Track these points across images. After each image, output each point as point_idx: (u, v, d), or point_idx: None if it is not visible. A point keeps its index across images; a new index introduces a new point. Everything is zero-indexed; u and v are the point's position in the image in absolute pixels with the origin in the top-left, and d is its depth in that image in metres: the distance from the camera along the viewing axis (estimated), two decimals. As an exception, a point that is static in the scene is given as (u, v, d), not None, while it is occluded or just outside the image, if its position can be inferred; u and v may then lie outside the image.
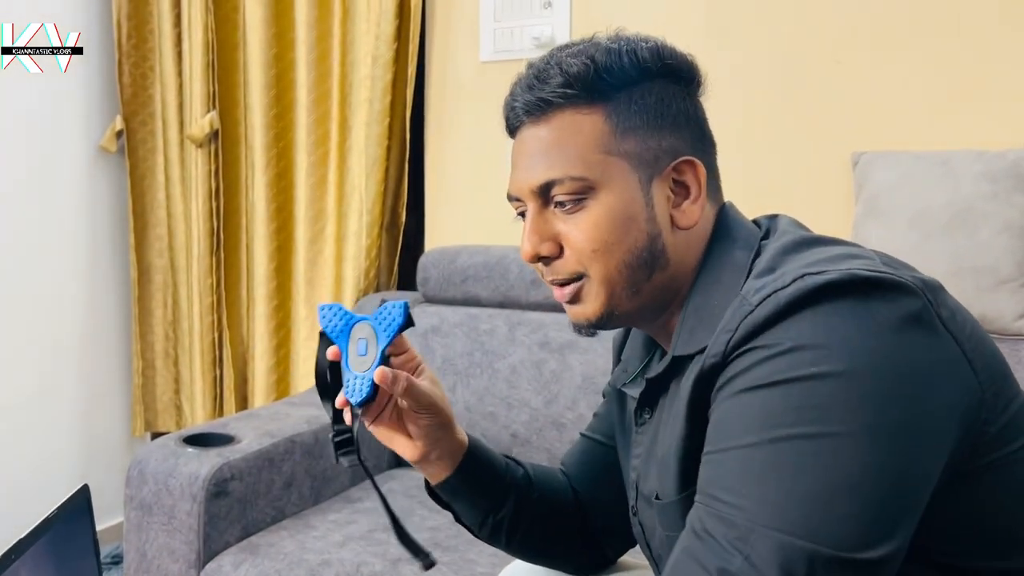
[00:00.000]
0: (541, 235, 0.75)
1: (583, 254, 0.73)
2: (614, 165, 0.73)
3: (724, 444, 0.62)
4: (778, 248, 0.71)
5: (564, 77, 0.73)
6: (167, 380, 2.47)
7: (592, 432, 0.98)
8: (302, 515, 1.61)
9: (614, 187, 0.73)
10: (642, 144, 0.73)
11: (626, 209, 0.73)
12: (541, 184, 0.74)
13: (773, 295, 0.62)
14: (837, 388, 0.58)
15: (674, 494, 0.71)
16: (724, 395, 0.64)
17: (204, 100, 2.24)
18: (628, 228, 0.73)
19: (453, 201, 2.11)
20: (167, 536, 1.50)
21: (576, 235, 0.73)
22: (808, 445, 0.58)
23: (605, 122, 0.73)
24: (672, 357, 0.74)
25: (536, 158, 0.74)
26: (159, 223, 2.42)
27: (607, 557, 0.97)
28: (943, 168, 1.46)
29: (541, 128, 0.74)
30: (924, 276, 0.66)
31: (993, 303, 1.40)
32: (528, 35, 1.94)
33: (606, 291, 0.74)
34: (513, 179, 0.77)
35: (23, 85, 2.16)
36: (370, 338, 0.78)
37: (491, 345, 1.80)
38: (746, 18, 1.74)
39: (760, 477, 0.59)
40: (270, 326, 2.23)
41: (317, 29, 2.12)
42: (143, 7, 2.35)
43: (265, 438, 1.60)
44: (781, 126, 1.72)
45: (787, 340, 0.60)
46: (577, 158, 0.73)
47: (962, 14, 1.56)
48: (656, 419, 0.79)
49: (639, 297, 0.75)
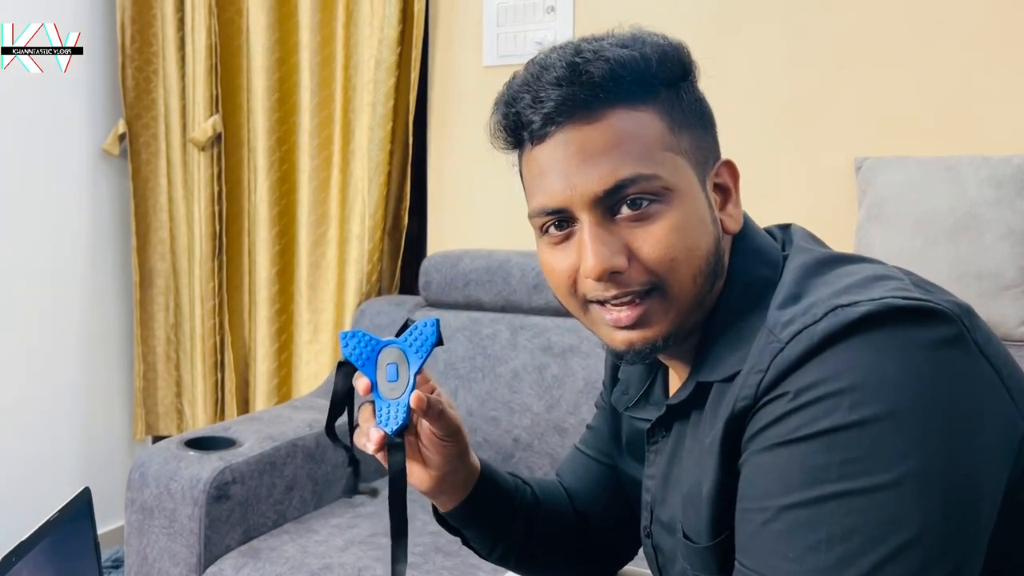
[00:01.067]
0: (611, 246, 0.65)
1: (660, 264, 0.65)
2: (679, 163, 0.66)
3: (764, 503, 0.58)
4: (800, 269, 0.66)
5: (614, 69, 0.64)
6: (168, 383, 2.47)
7: (587, 447, 0.96)
8: (304, 519, 1.61)
9: (685, 187, 0.66)
10: (694, 142, 0.68)
11: (697, 210, 0.67)
12: (610, 187, 0.64)
13: (805, 331, 0.58)
14: (880, 433, 0.54)
15: (706, 539, 0.66)
16: (757, 446, 0.59)
17: (207, 104, 2.24)
18: (701, 231, 0.67)
19: (455, 205, 2.11)
20: (168, 540, 1.49)
21: (652, 244, 0.65)
22: (855, 502, 0.54)
23: (661, 119, 0.66)
24: (696, 383, 0.69)
25: (593, 161, 0.65)
26: (161, 226, 2.42)
27: (608, 569, 0.97)
28: (947, 173, 1.46)
29: (589, 129, 0.65)
30: (958, 300, 0.61)
31: (996, 309, 1.40)
32: (531, 40, 1.94)
33: (677, 307, 0.67)
34: (558, 189, 0.66)
35: (26, 88, 2.17)
36: (400, 361, 0.73)
37: (493, 349, 1.80)
38: (749, 23, 1.74)
39: (808, 541, 0.55)
40: (272, 330, 2.23)
41: (320, 33, 2.12)
42: (147, 10, 2.35)
43: (267, 442, 1.60)
44: (784, 131, 1.72)
45: (821, 383, 0.56)
46: (646, 156, 0.65)
47: (965, 19, 1.56)
48: (673, 442, 0.75)
49: (699, 311, 0.69)
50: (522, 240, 1.93)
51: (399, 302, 2.03)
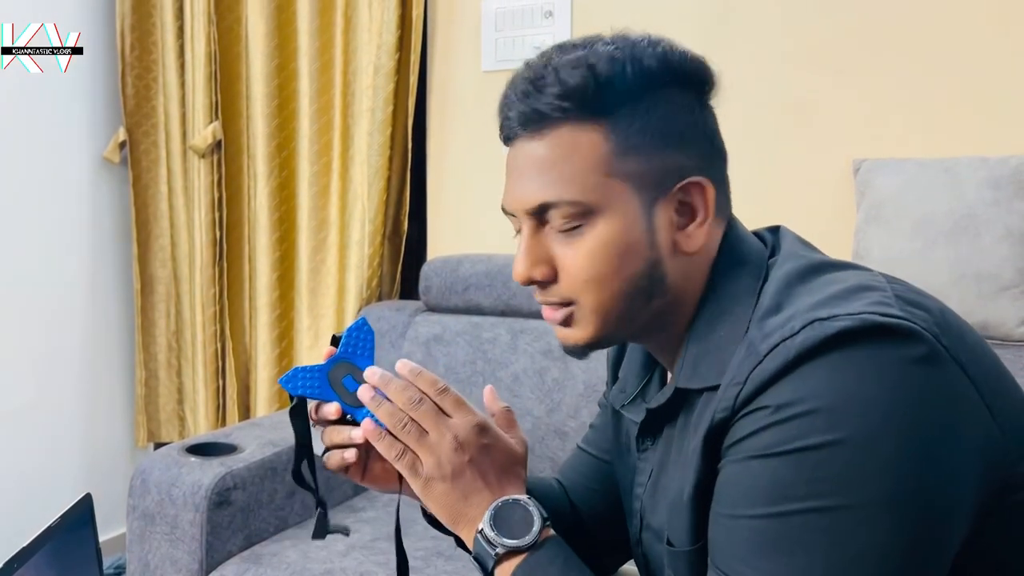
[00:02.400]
0: (534, 258, 0.71)
1: (576, 282, 0.69)
2: (614, 188, 0.67)
3: (734, 510, 0.60)
4: (783, 279, 0.67)
5: (561, 89, 0.67)
6: (170, 390, 2.47)
7: (589, 446, 0.96)
8: (305, 524, 1.61)
9: (613, 212, 0.68)
10: (645, 164, 0.68)
11: (625, 236, 0.68)
12: (535, 206, 0.69)
13: (782, 345, 0.59)
14: (852, 456, 0.55)
15: (687, 544, 0.68)
16: (733, 456, 0.61)
17: (207, 111, 2.25)
18: (626, 257, 0.68)
19: (455, 210, 2.11)
20: (170, 546, 1.49)
21: (570, 262, 0.69)
22: (819, 520, 0.56)
23: (605, 141, 0.67)
24: (675, 389, 0.71)
25: (531, 176, 0.69)
26: (162, 234, 2.43)
27: (606, 568, 0.96)
28: (946, 175, 1.46)
29: (536, 143, 0.69)
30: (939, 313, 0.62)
31: (995, 310, 1.40)
32: (529, 44, 1.95)
33: (598, 319, 0.70)
34: (507, 193, 0.73)
35: (27, 97, 2.17)
36: (352, 371, 0.74)
37: (493, 354, 1.80)
38: (748, 25, 1.75)
39: (770, 553, 0.57)
40: (273, 336, 2.24)
41: (319, 40, 2.13)
42: (146, 19, 2.36)
43: (268, 447, 1.60)
44: (782, 134, 1.72)
45: (797, 401, 0.57)
46: (574, 180, 0.67)
47: (963, 20, 1.57)
48: (661, 450, 0.76)
49: (634, 323, 0.71)
50: (521, 244, 1.93)
51: (399, 307, 2.03)
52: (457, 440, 0.70)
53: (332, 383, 0.74)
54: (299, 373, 0.74)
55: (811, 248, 0.74)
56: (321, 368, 0.74)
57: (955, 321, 0.63)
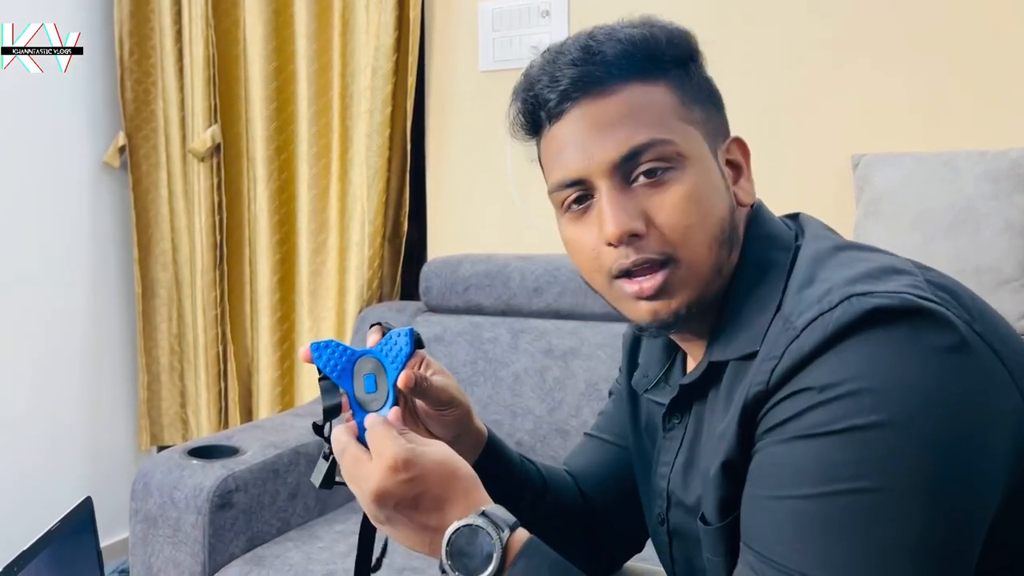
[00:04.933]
0: (629, 211, 0.67)
1: (675, 230, 0.67)
2: (691, 133, 0.69)
3: (777, 491, 0.59)
4: (814, 255, 0.67)
5: (625, 48, 0.68)
6: (172, 394, 2.48)
7: (600, 432, 0.95)
8: (307, 526, 1.61)
9: (697, 157, 0.69)
10: (706, 115, 0.71)
11: (709, 179, 0.69)
12: (625, 153, 0.67)
13: (819, 319, 0.59)
14: (896, 439, 0.56)
15: (716, 520, 0.68)
16: (774, 438, 0.60)
17: (206, 114, 2.25)
18: (714, 200, 0.69)
19: (454, 210, 2.11)
20: (172, 548, 1.50)
21: (667, 212, 0.67)
22: (864, 501, 0.56)
23: (672, 94, 0.69)
24: (708, 363, 0.71)
25: (609, 130, 0.67)
26: (163, 237, 2.43)
27: (615, 561, 0.95)
28: (945, 169, 1.46)
29: (604, 103, 0.68)
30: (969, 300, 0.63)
31: (995, 303, 1.39)
32: (526, 44, 1.95)
33: (696, 274, 0.68)
34: (575, 160, 0.69)
35: (27, 103, 2.18)
36: (378, 372, 0.72)
37: (494, 353, 1.80)
38: (746, 22, 1.75)
39: (816, 534, 0.57)
40: (274, 338, 2.24)
41: (317, 42, 2.13)
42: (144, 24, 2.37)
43: (269, 449, 1.60)
44: (780, 129, 1.72)
45: (841, 381, 0.57)
46: (660, 124, 0.68)
47: (961, 13, 1.56)
48: (692, 426, 0.75)
49: (718, 280, 0.70)
50: (521, 244, 1.93)
51: (400, 308, 2.03)
52: (375, 492, 0.64)
53: (356, 372, 0.72)
54: (332, 348, 0.73)
55: (834, 232, 0.74)
56: (352, 353, 0.73)
57: (985, 307, 0.64)
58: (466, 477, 0.67)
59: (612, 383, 0.98)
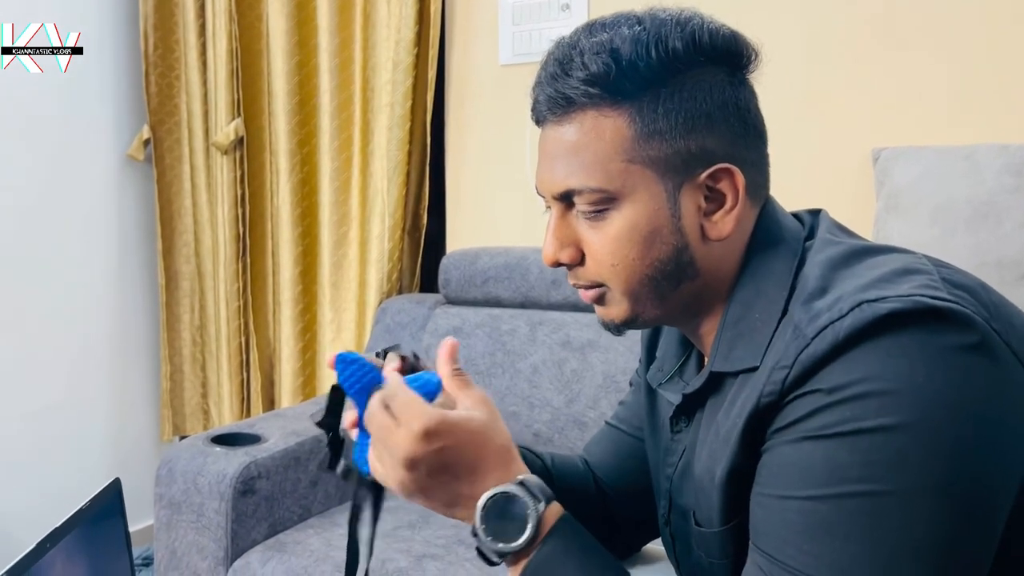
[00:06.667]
0: (562, 241, 0.71)
1: (602, 267, 0.70)
2: (637, 174, 0.67)
3: (784, 492, 0.59)
4: (826, 263, 0.66)
5: (586, 74, 0.67)
6: (195, 384, 2.51)
7: (619, 421, 0.95)
8: (328, 513, 1.63)
9: (637, 198, 0.68)
10: (670, 148, 0.67)
11: (649, 222, 0.68)
12: (558, 193, 0.70)
13: (830, 327, 0.58)
14: (906, 442, 0.55)
15: (717, 524, 0.68)
16: (784, 438, 0.60)
17: (229, 108, 2.28)
18: (651, 242, 0.68)
19: (474, 203, 2.12)
20: (196, 533, 1.52)
21: (596, 247, 0.70)
22: (872, 504, 0.56)
23: (630, 126, 0.67)
24: (709, 372, 0.71)
25: (556, 162, 0.70)
26: (186, 230, 2.46)
27: (631, 546, 0.96)
28: (965, 162, 1.46)
29: (563, 128, 0.69)
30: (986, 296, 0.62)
31: (1017, 297, 1.38)
32: (546, 38, 1.96)
33: (629, 300, 0.71)
34: (537, 176, 0.73)
35: (52, 98, 2.21)
36: None
37: (512, 345, 1.81)
38: (766, 15, 1.75)
39: (824, 536, 0.57)
40: (296, 329, 2.26)
41: (339, 36, 2.15)
42: (168, 17, 2.40)
43: (291, 437, 1.62)
44: (801, 123, 1.72)
45: (851, 384, 0.57)
46: (597, 167, 0.67)
47: (982, 7, 1.56)
48: (693, 433, 0.76)
49: (667, 304, 0.71)
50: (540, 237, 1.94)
51: (419, 300, 2.05)
52: (406, 460, 0.63)
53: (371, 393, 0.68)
54: (359, 366, 0.69)
55: (850, 233, 0.73)
56: (375, 378, 0.69)
57: (1002, 303, 0.63)
58: (502, 447, 0.67)
59: (632, 374, 0.98)
